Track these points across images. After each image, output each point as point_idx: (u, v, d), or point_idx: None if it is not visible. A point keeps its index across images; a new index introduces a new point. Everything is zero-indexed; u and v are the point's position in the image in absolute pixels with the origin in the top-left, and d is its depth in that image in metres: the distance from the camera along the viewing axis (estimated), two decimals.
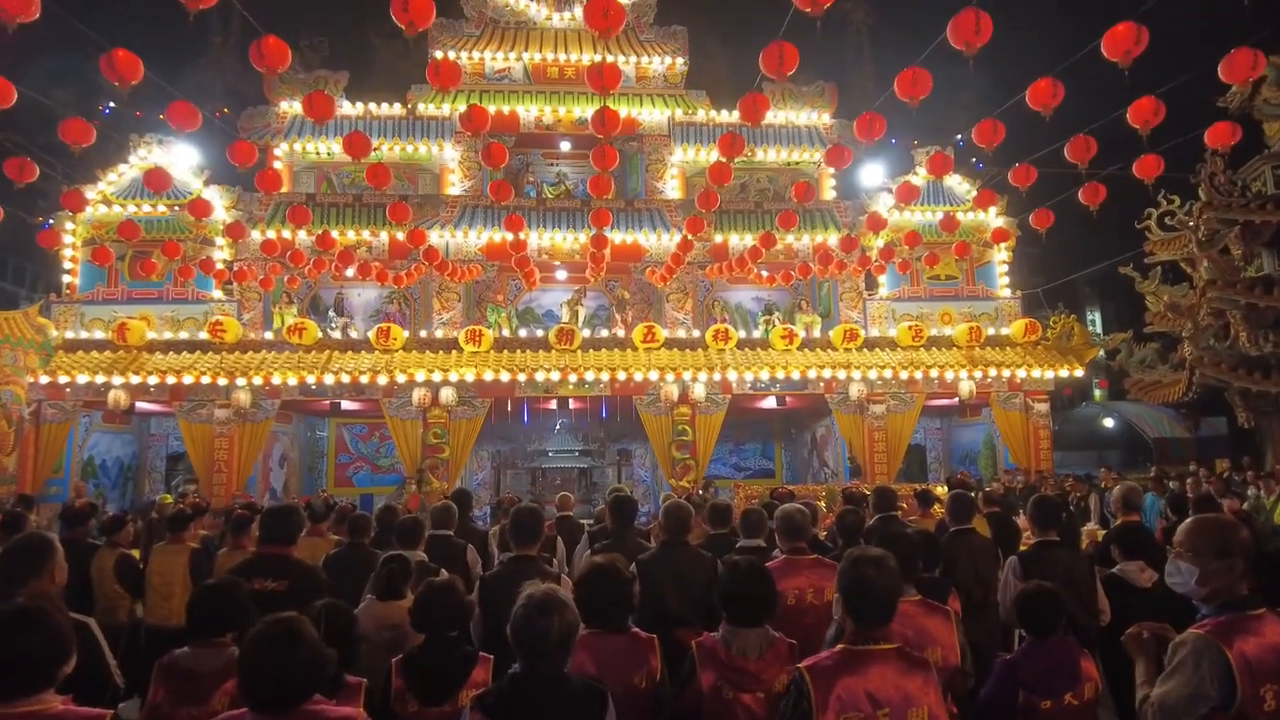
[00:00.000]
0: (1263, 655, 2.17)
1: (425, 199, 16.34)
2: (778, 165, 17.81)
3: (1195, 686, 2.18)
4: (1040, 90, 6.85)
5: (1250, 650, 2.17)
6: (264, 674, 2.08)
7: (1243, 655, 2.15)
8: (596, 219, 9.71)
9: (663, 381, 14.57)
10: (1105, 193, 9.40)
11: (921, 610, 3.03)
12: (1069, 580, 4.17)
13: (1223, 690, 2.15)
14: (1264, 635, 2.21)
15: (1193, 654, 2.22)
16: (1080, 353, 15.42)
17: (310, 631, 2.23)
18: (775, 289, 17.12)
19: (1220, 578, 2.33)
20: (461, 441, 14.45)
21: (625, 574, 2.99)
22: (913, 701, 2.20)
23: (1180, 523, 3.57)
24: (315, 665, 2.16)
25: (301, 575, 3.90)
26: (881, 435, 14.98)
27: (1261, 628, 2.23)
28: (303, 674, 2.12)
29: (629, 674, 2.89)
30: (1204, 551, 2.36)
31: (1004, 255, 16.69)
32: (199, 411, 14.34)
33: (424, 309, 16.38)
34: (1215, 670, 2.16)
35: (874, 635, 2.30)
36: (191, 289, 15.50)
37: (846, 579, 2.35)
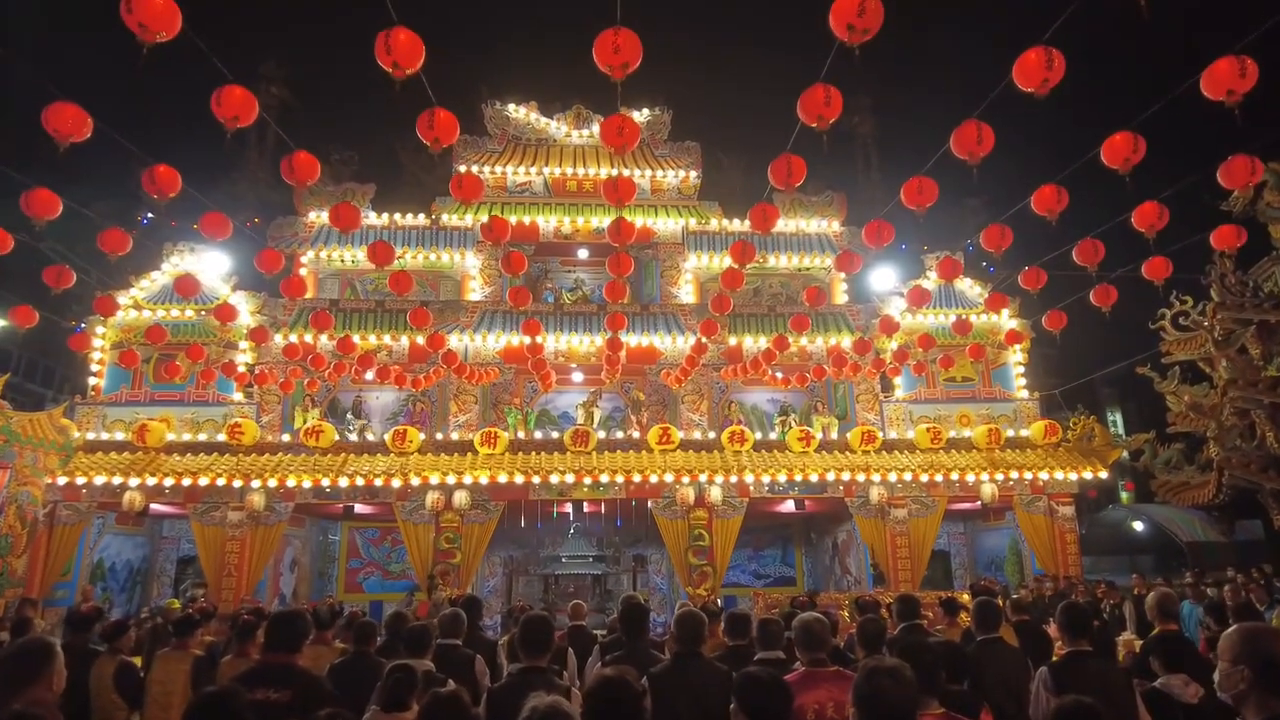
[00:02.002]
0: None
1: (446, 304, 16.74)
2: (789, 271, 18.17)
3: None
4: (1045, 197, 7.03)
5: None
6: None
7: None
8: (612, 323, 9.88)
9: (678, 484, 14.40)
10: (1117, 294, 9.50)
11: None
12: (1105, 693, 3.94)
13: None
14: None
15: None
16: (1103, 454, 15.15)
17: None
18: (790, 391, 17.10)
19: (1230, 684, 2.22)
20: (474, 546, 14.21)
21: (636, 688, 2.87)
22: None
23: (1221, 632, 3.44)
24: None
25: (306, 685, 3.78)
26: (904, 540, 14.59)
27: None
28: None
29: None
30: (1222, 655, 2.26)
31: (1019, 357, 16.69)
32: (212, 514, 14.27)
33: (441, 412, 16.49)
34: None
35: None
36: (213, 391, 15.74)
37: (861, 691, 2.25)
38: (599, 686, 2.91)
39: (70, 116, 5.77)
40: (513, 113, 19.87)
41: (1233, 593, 10.73)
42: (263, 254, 8.99)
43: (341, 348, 10.74)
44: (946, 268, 8.33)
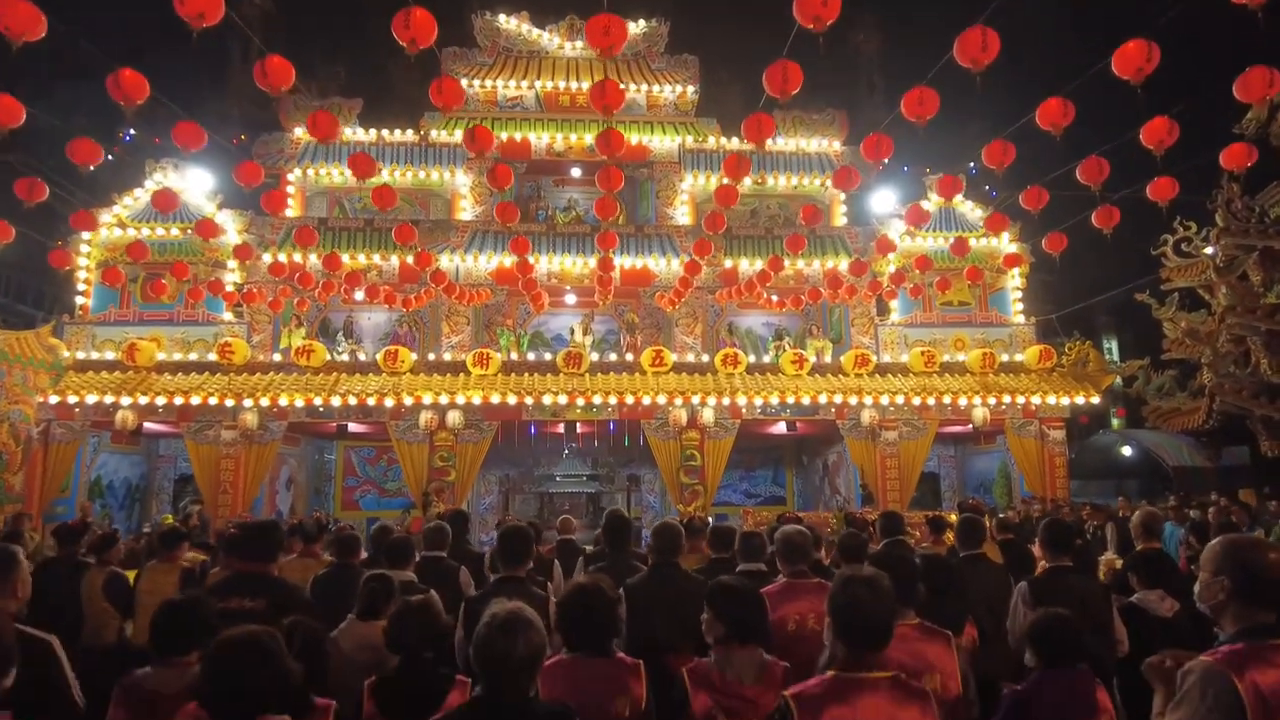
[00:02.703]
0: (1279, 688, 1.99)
1: (436, 224, 16.41)
2: (788, 192, 17.78)
3: (1202, 717, 2.01)
4: (1050, 109, 6.75)
5: (1265, 681, 1.98)
6: (222, 681, 1.99)
7: (1255, 687, 1.97)
8: (603, 241, 9.65)
9: (671, 406, 14.41)
10: (1119, 216, 9.28)
11: (921, 635, 2.86)
12: (1083, 608, 3.96)
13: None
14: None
15: (1199, 683, 2.04)
16: (1096, 379, 15.15)
17: (277, 646, 2.13)
18: (786, 314, 16.98)
19: (1209, 594, 2.17)
20: (468, 465, 14.32)
21: (608, 596, 2.85)
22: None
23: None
24: (276, 679, 2.06)
25: (281, 593, 3.77)
26: (894, 462, 14.72)
27: (1278, 657, 2.04)
28: (262, 686, 2.02)
29: (609, 701, 2.74)
30: (1204, 567, 2.21)
31: (1017, 281, 16.51)
32: (206, 433, 14.31)
33: (433, 333, 16.37)
34: (1223, 702, 1.98)
35: (866, 661, 2.15)
36: (202, 311, 15.60)
37: (837, 601, 2.20)
38: (572, 594, 2.88)
39: (23, 13, 5.44)
40: (503, 23, 19.07)
41: (1216, 513, 10.87)
42: (242, 167, 8.70)
43: (328, 265, 10.53)
44: (946, 186, 8.08)
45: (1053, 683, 2.91)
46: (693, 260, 10.94)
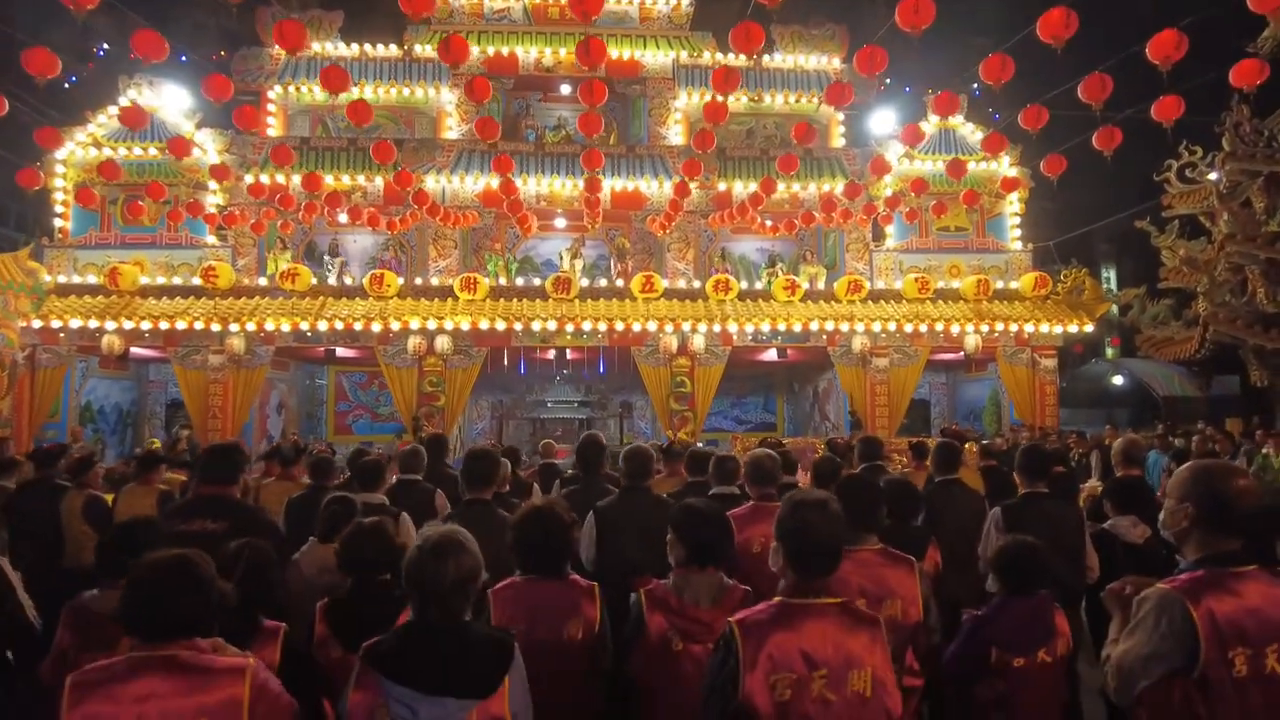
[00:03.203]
0: (1237, 616, 1.93)
1: (421, 143, 15.95)
2: (785, 111, 17.23)
3: (1154, 646, 1.96)
4: (1052, 20, 6.41)
5: (1222, 610, 1.93)
6: (140, 605, 1.93)
7: (1210, 614, 1.92)
8: (589, 161, 9.34)
9: (661, 332, 14.30)
10: (1121, 137, 8.95)
11: (882, 560, 2.81)
12: (1056, 534, 3.94)
13: (1185, 651, 1.92)
14: (1242, 595, 1.96)
15: (1154, 610, 1.99)
16: (1090, 308, 15.00)
17: (204, 570, 2.06)
18: (780, 240, 16.71)
19: (1174, 521, 2.10)
20: (457, 390, 14.30)
21: (562, 519, 2.78)
22: (855, 663, 1.99)
23: None
24: (200, 603, 1.99)
25: (243, 516, 3.72)
26: (884, 389, 14.71)
27: (1241, 586, 1.98)
28: (183, 610, 1.96)
29: (562, 624, 2.71)
30: (1170, 493, 2.13)
31: (1015, 207, 16.18)
32: (193, 358, 14.23)
33: (420, 256, 16.12)
34: (1176, 629, 1.93)
35: (815, 587, 2.08)
36: (185, 234, 15.29)
37: (786, 524, 2.12)
38: (524, 517, 2.83)
39: None
40: None
41: (1200, 442, 10.91)
42: (210, 80, 8.31)
43: (308, 185, 10.22)
44: (943, 103, 7.75)
45: (1013, 608, 2.89)
46: (682, 181, 10.63)
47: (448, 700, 1.94)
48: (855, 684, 1.97)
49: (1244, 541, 2.06)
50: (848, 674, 1.97)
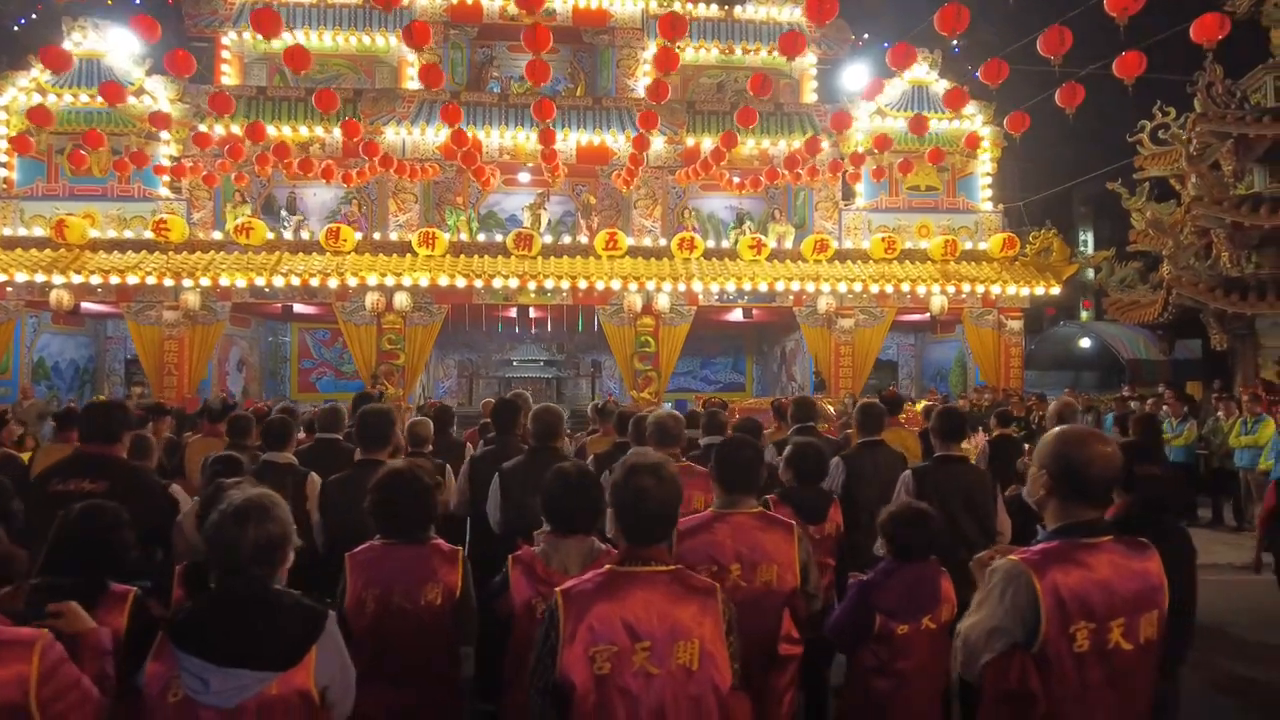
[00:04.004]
0: (1083, 590, 1.84)
1: (381, 94, 15.50)
2: (758, 64, 16.82)
3: (998, 619, 1.87)
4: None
5: (1067, 582, 1.84)
6: None
7: (1054, 587, 1.82)
8: (539, 111, 9.04)
9: (625, 291, 14.12)
10: (1083, 94, 8.76)
11: (759, 524, 2.71)
12: (967, 498, 3.88)
13: (1026, 625, 1.83)
14: (1091, 568, 1.87)
15: (1000, 583, 1.90)
16: (1058, 270, 14.94)
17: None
18: (749, 198, 16.46)
19: (1033, 489, 2.00)
20: (417, 348, 14.10)
21: (420, 481, 2.66)
22: (682, 634, 1.88)
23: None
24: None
25: (123, 476, 3.56)
26: (848, 350, 14.65)
27: (1092, 559, 1.88)
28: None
29: (419, 588, 2.60)
30: (1034, 459, 2.03)
31: (987, 167, 16.00)
32: (148, 313, 13.92)
33: (381, 210, 15.76)
34: (1020, 602, 1.84)
35: (644, 555, 1.97)
36: (138, 186, 14.84)
37: (619, 492, 2.00)
38: (380, 480, 2.71)
39: None
40: None
41: (1154, 405, 10.93)
42: (139, 19, 7.91)
43: (251, 135, 9.85)
44: (899, 55, 7.50)
45: (899, 574, 2.81)
46: (640, 135, 10.35)
47: (243, 672, 1.82)
48: (681, 656, 1.87)
49: (1101, 511, 1.96)
50: (673, 646, 1.87)
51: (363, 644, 2.62)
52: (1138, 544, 1.96)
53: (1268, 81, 13.99)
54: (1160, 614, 1.92)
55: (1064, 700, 1.82)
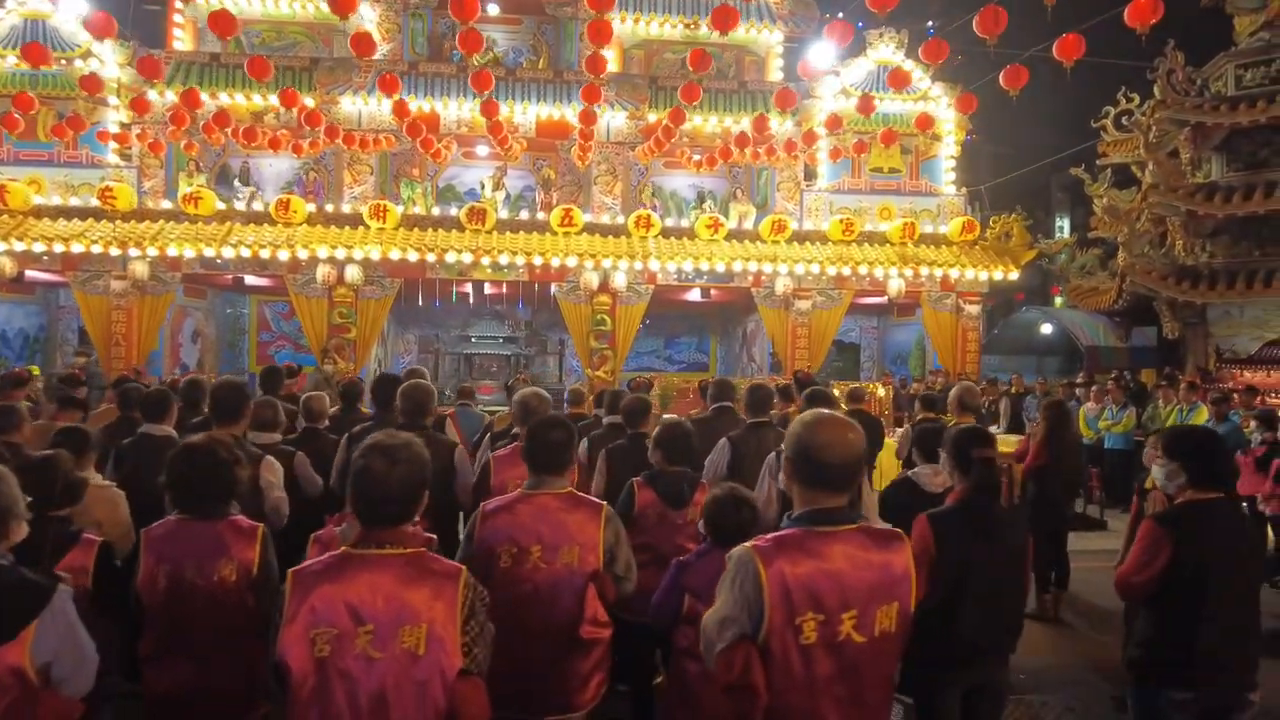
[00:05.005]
0: (812, 579, 1.79)
1: (338, 63, 15.18)
2: (724, 40, 16.60)
3: (728, 608, 1.83)
4: None
5: (795, 571, 1.79)
6: None
7: (781, 576, 1.78)
8: (476, 82, 8.86)
9: (582, 268, 14.01)
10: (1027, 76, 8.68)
11: (565, 506, 2.66)
12: None
13: (753, 615, 1.79)
14: (824, 557, 1.82)
15: (732, 570, 1.85)
16: (1017, 254, 14.93)
17: None
18: (714, 177, 16.33)
19: (785, 476, 1.96)
20: (369, 322, 13.96)
21: (217, 454, 2.59)
22: (409, 618, 1.83)
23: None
24: None
25: None
26: (805, 331, 14.62)
27: (826, 548, 1.83)
28: None
29: (209, 564, 2.54)
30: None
31: (951, 150, 15.92)
32: (95, 283, 13.71)
33: (336, 182, 15.52)
34: (747, 591, 1.80)
35: (379, 538, 1.91)
36: (86, 153, 14.54)
37: (352, 469, 1.94)
38: (176, 454, 2.64)
39: None
40: None
41: (1097, 394, 10.97)
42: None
43: (187, 102, 9.62)
44: (836, 30, 7.39)
45: (711, 555, 2.77)
46: (586, 109, 10.19)
47: None
48: (406, 640, 1.82)
49: (843, 498, 1.90)
50: (398, 630, 1.82)
51: (155, 621, 2.56)
52: (883, 534, 1.92)
53: (1229, 70, 13.96)
54: (902, 606, 1.87)
55: (789, 693, 1.78)
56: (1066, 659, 5.42)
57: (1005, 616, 2.92)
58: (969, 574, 2.80)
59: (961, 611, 2.78)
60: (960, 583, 2.80)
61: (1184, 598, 2.63)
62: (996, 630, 2.84)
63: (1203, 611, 2.60)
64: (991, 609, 2.83)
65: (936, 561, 2.83)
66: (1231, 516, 2.73)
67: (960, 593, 2.80)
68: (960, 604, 2.79)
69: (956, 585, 2.80)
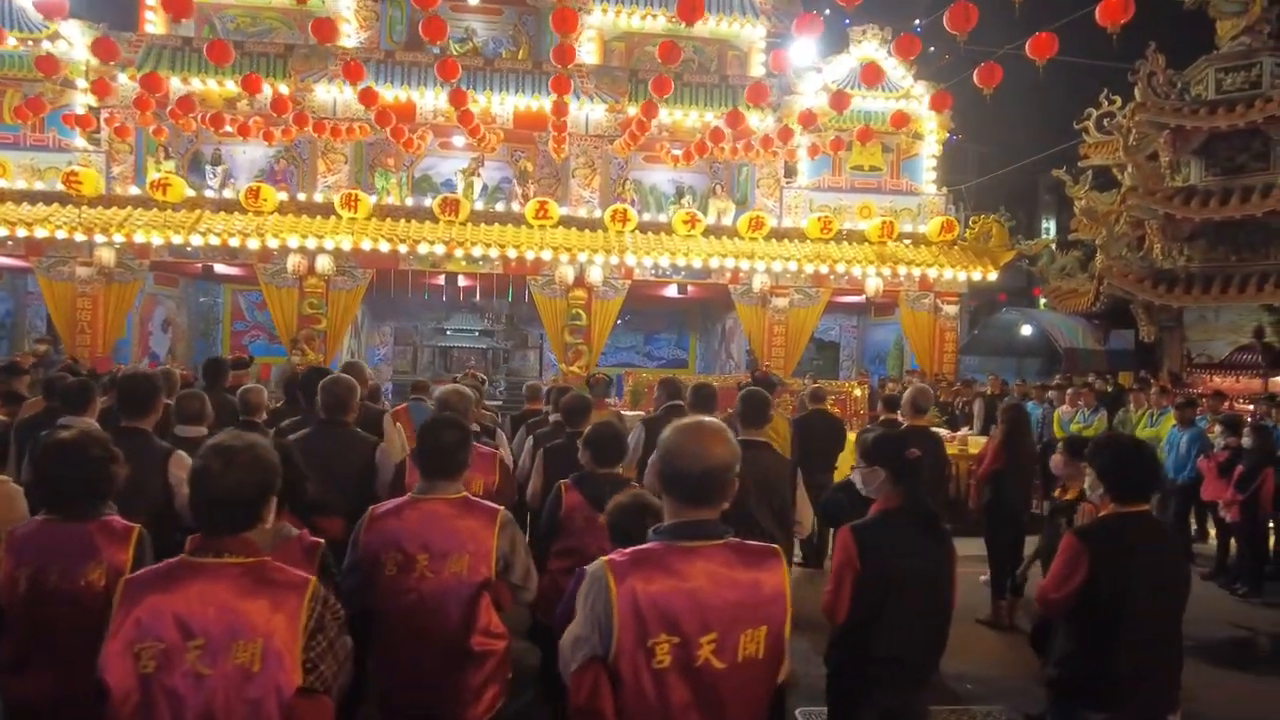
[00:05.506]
0: (668, 598, 1.67)
1: (313, 50, 14.90)
2: (707, 34, 16.47)
3: (580, 626, 1.71)
4: None
5: (648, 590, 1.66)
6: None
7: (633, 594, 1.66)
8: (443, 71, 8.70)
9: (557, 262, 13.86)
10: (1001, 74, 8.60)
11: (455, 511, 2.54)
12: (763, 483, 3.73)
13: (603, 634, 1.67)
14: (683, 576, 1.69)
15: (586, 586, 1.73)
16: (996, 255, 14.86)
17: None
18: (694, 172, 16.19)
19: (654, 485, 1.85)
20: (340, 313, 13.78)
21: (87, 450, 2.45)
22: (244, 632, 1.70)
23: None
24: None
25: None
26: (782, 329, 14.52)
27: (686, 566, 1.70)
28: None
29: (78, 569, 2.40)
30: None
31: (932, 149, 15.84)
32: (60, 269, 13.47)
33: (310, 171, 15.30)
34: (598, 610, 1.68)
35: (216, 545, 1.78)
36: (53, 136, 14.29)
37: (189, 474, 1.81)
38: (43, 450, 2.50)
39: None
40: None
41: (1072, 397, 10.91)
42: None
43: (147, 85, 9.42)
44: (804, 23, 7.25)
45: None
46: (558, 100, 10.04)
47: None
48: (239, 656, 1.69)
49: (711, 511, 1.77)
50: (231, 645, 1.69)
51: (15, 626, 2.43)
52: (754, 551, 1.79)
53: (1209, 73, 13.90)
54: (772, 629, 1.73)
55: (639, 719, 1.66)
56: (1016, 669, 5.33)
57: (929, 635, 2.80)
58: (893, 589, 2.69)
59: (883, 629, 2.67)
60: (884, 599, 2.69)
61: (1101, 615, 2.53)
62: (919, 651, 2.72)
63: (1119, 630, 2.50)
64: (915, 627, 2.71)
65: (861, 575, 2.72)
66: (1154, 531, 2.63)
67: (883, 609, 2.68)
68: (883, 621, 2.68)
69: (880, 601, 2.69)
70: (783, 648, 1.76)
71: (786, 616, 1.76)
